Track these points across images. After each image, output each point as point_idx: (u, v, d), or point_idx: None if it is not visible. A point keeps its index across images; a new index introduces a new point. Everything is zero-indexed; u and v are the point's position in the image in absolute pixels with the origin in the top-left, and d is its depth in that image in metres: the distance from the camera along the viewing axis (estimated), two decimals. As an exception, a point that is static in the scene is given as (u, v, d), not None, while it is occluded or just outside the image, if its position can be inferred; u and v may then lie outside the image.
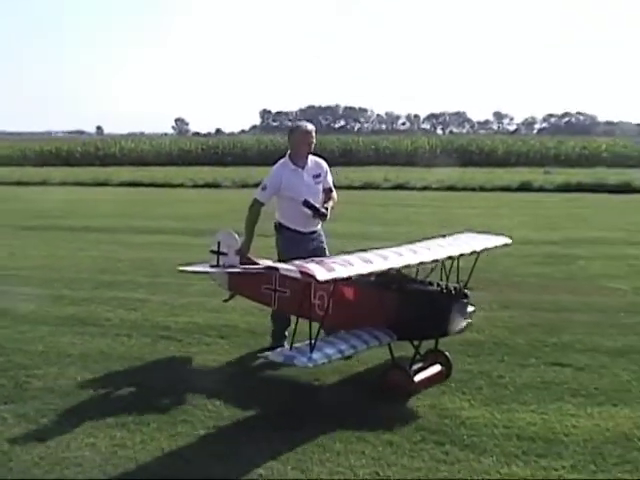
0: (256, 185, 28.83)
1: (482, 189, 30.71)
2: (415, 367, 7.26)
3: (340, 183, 32.88)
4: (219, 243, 8.56)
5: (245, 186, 32.73)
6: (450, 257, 7.21)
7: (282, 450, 5.90)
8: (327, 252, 8.24)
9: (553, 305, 10.18)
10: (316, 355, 6.46)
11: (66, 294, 11.44)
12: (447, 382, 7.42)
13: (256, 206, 8.20)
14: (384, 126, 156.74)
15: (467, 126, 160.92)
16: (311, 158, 8.35)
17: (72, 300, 11.03)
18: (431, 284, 7.25)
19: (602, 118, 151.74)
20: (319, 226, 8.39)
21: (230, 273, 8.39)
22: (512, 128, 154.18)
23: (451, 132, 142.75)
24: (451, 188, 31.01)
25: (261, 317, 9.82)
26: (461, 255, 7.32)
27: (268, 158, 50.01)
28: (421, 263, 6.92)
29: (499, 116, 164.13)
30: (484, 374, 7.66)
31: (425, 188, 31.16)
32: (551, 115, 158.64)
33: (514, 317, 9.84)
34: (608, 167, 43.62)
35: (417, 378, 7.14)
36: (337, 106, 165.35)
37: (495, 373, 7.71)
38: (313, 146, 8.29)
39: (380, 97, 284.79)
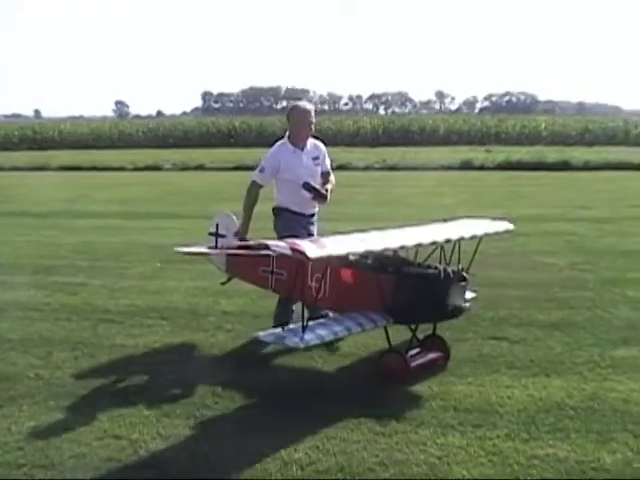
0: (197, 167, 28.71)
1: (424, 168, 30.96)
2: (412, 352, 7.18)
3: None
4: (217, 225, 8.46)
5: (186, 168, 32.60)
6: (448, 240, 7.08)
7: (224, 425, 5.99)
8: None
9: (489, 281, 10.32)
10: (308, 336, 6.41)
11: (5, 279, 11.35)
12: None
13: (254, 188, 8.08)
14: (326, 107, 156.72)
15: (409, 106, 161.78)
16: (310, 140, 8.19)
17: (11, 285, 10.95)
18: (429, 267, 7.14)
19: (542, 97, 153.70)
20: (317, 209, 8.28)
21: (228, 255, 8.32)
22: (454, 107, 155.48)
23: (393, 112, 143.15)
24: (393, 168, 31.21)
25: (203, 298, 9.91)
26: (461, 239, 7.18)
27: (209, 140, 50.35)
28: (418, 245, 6.85)
29: (441, 96, 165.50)
30: (423, 349, 7.78)
31: (367, 168, 31.33)
32: (492, 94, 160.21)
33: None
34: (547, 145, 44.28)
35: (414, 363, 7.03)
36: (279, 87, 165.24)
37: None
38: (313, 127, 8.12)
39: (322, 77, 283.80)
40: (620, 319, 8.88)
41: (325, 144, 8.39)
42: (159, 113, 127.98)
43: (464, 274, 7.04)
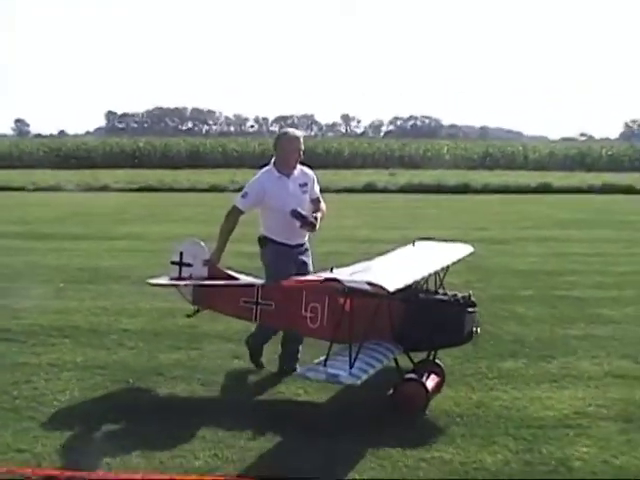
0: (101, 188, 28.44)
1: (327, 190, 31.22)
2: (424, 379, 6.98)
3: (182, 185, 33.21)
4: (182, 253, 7.91)
5: (90, 189, 32.29)
6: (447, 266, 7.39)
7: (129, 442, 6.14)
8: (310, 267, 7.87)
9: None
10: (355, 371, 6.17)
11: None
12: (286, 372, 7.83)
13: (234, 213, 7.69)
14: (232, 128, 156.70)
15: (315, 129, 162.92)
16: (297, 166, 7.85)
17: None
18: (438, 293, 7.11)
19: (447, 121, 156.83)
20: (306, 238, 7.92)
21: (199, 286, 7.75)
22: (360, 131, 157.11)
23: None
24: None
25: (104, 317, 10.03)
26: (450, 264, 7.48)
27: (113, 160, 49.83)
28: (436, 272, 7.09)
29: (347, 119, 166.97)
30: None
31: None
32: (397, 118, 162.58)
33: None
34: (449, 169, 45.38)
35: (429, 390, 6.91)
36: (185, 108, 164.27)
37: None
38: (302, 153, 7.80)
39: (228, 99, 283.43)
40: (508, 334, 9.38)
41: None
42: (61, 132, 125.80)
43: (473, 299, 6.98)
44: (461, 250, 8.22)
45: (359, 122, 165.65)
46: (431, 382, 7.05)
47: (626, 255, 15.99)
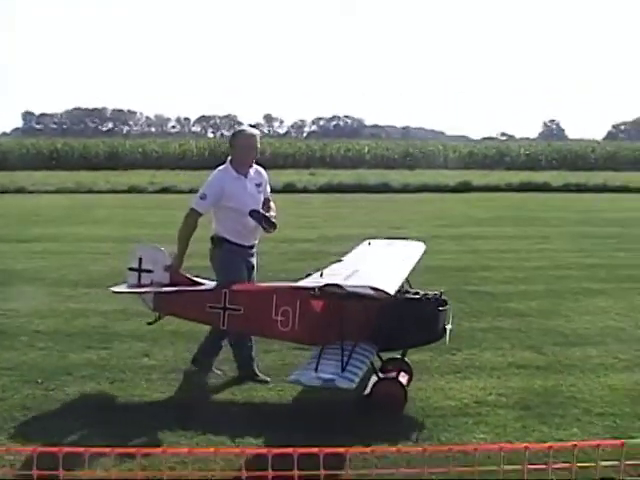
0: (17, 190, 27.92)
1: (248, 190, 31.29)
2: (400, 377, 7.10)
3: (100, 187, 32.84)
4: (141, 259, 7.66)
5: (5, 191, 31.69)
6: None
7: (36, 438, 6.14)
8: (256, 269, 7.91)
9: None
10: (347, 374, 6.23)
11: None
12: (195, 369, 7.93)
13: (193, 216, 7.51)
14: (154, 129, 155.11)
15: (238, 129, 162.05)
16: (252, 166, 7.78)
17: None
18: (410, 292, 7.17)
19: (369, 122, 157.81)
20: (257, 240, 7.89)
21: (160, 292, 7.54)
22: (283, 131, 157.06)
23: (222, 135, 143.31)
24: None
25: (15, 319, 9.97)
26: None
27: (29, 162, 48.79)
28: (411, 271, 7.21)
29: (269, 119, 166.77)
30: (230, 360, 8.07)
31: (191, 191, 31.32)
32: (320, 118, 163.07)
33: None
34: (370, 168, 45.79)
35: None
36: (104, 108, 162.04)
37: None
38: (257, 152, 7.76)
39: (149, 99, 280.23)
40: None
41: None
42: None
43: (444, 298, 7.11)
44: (418, 247, 8.41)
45: (282, 122, 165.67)
46: (404, 380, 7.14)
47: (537, 251, 16.44)
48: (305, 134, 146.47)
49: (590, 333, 9.60)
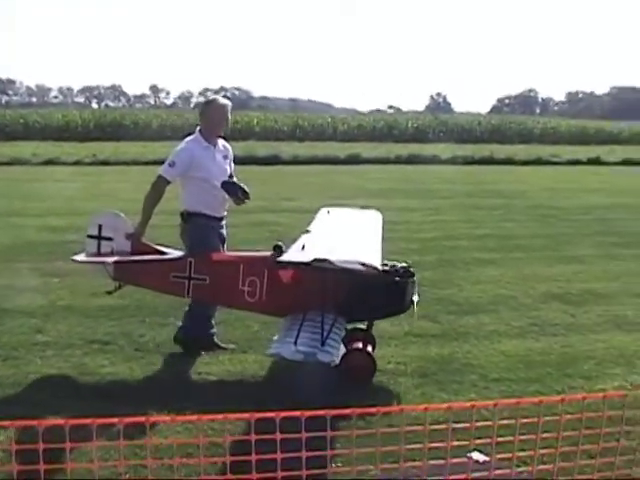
0: None
1: (135, 163, 30.76)
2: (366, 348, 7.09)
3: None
4: (100, 226, 7.42)
5: None
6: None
7: None
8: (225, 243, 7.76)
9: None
10: (328, 347, 6.27)
11: None
12: (90, 344, 7.77)
13: (160, 184, 7.31)
14: (35, 99, 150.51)
15: (123, 100, 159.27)
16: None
17: None
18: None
19: (257, 93, 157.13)
20: (226, 212, 7.76)
21: (123, 261, 7.31)
22: (169, 102, 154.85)
23: (107, 106, 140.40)
24: (104, 162, 30.81)
25: None
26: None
27: None
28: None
29: (156, 90, 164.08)
30: (125, 335, 8.07)
31: (77, 163, 30.70)
32: (207, 89, 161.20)
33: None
34: (259, 140, 45.59)
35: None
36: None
37: (136, 333, 8.17)
38: (228, 123, 7.70)
39: (30, 68, 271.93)
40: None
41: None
42: None
43: (412, 270, 7.19)
44: (377, 217, 8.44)
45: (168, 93, 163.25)
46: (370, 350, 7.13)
47: (429, 222, 16.69)
48: (192, 105, 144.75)
49: (482, 302, 9.82)
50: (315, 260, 6.09)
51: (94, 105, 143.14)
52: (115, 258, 7.32)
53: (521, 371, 7.23)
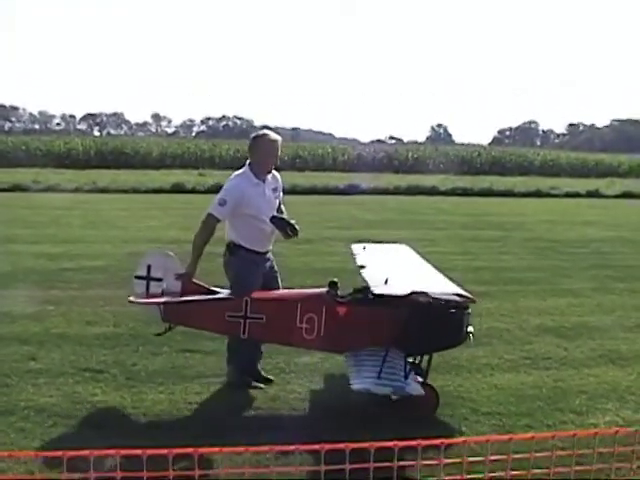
0: None
1: (135, 191, 30.88)
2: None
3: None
4: (149, 267, 7.31)
5: None
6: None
7: None
8: (278, 274, 7.79)
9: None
10: (410, 380, 6.38)
11: None
12: (82, 372, 7.79)
13: (211, 222, 7.26)
14: (37, 126, 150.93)
15: (125, 128, 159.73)
16: None
17: None
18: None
19: (259, 122, 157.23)
20: (271, 246, 7.73)
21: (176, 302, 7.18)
22: (171, 130, 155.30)
23: (109, 133, 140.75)
24: (103, 190, 30.88)
25: None
26: None
27: None
28: None
29: (157, 118, 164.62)
30: (119, 363, 8.09)
31: (76, 190, 30.76)
32: (209, 118, 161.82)
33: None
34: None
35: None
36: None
37: (129, 362, 8.18)
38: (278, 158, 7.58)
39: (33, 94, 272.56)
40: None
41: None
42: None
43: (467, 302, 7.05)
44: (409, 250, 8.74)
45: (170, 122, 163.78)
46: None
47: (424, 254, 16.49)
48: (194, 134, 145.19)
49: (476, 334, 9.74)
50: (413, 293, 6.22)
51: (96, 132, 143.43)
52: (166, 299, 7.20)
53: (512, 405, 7.23)
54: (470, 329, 7.19)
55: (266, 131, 7.81)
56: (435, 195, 33.55)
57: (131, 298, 7.42)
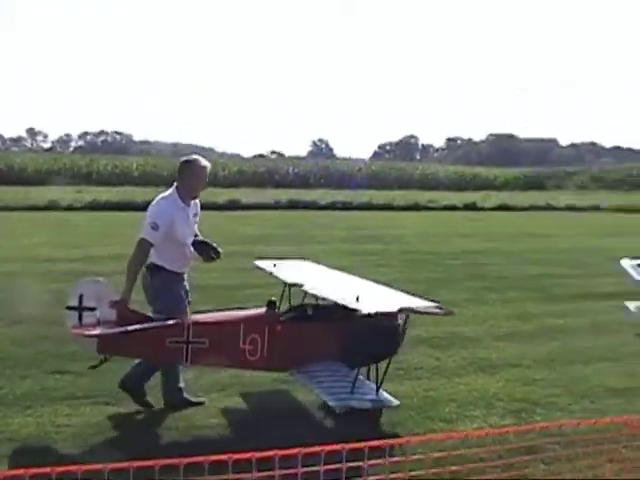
0: None
1: (9, 208, 29.85)
2: None
3: None
4: (81, 296, 6.90)
5: None
6: None
7: None
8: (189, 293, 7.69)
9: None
10: (381, 392, 6.59)
11: None
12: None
13: (145, 248, 7.11)
14: None
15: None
16: None
17: None
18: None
19: (138, 137, 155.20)
20: (188, 268, 7.67)
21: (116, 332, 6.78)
22: (47, 145, 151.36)
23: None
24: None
25: None
26: None
27: None
28: None
29: (32, 132, 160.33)
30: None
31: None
32: (87, 133, 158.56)
33: (25, 331, 10.12)
34: (140, 186, 45.06)
35: None
36: None
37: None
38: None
39: None
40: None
41: None
42: None
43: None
44: (320, 266, 8.87)
45: (46, 137, 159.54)
46: None
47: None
48: (71, 149, 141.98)
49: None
50: (401, 309, 6.46)
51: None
52: (103, 330, 6.84)
53: (384, 415, 7.30)
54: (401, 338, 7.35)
55: (196, 156, 7.78)
56: (315, 209, 33.83)
57: (73, 330, 6.98)
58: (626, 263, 12.20)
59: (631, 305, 11.80)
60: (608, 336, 11.09)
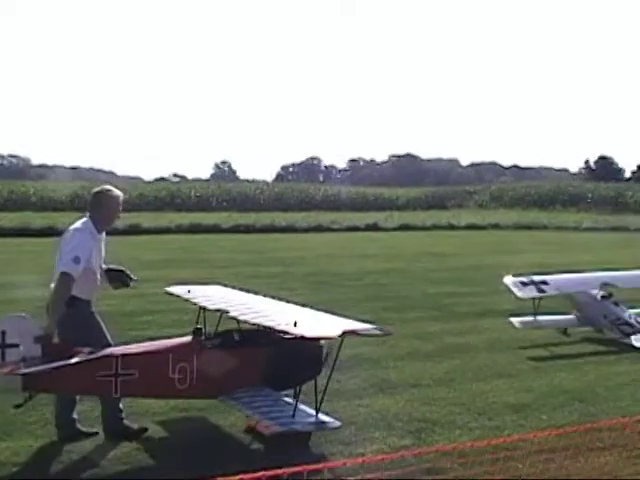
0: None
1: None
2: None
3: None
4: (3, 333, 6.57)
5: None
6: None
7: None
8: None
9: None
10: (321, 414, 6.69)
11: None
12: None
13: (69, 282, 6.89)
14: None
15: None
16: None
17: None
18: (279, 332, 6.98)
19: (36, 161, 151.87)
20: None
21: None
22: None
23: None
24: None
25: None
26: None
27: None
28: None
29: None
30: None
31: None
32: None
33: None
34: (37, 211, 44.14)
35: None
36: None
37: None
38: None
39: None
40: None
41: None
42: None
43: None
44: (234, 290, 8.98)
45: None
46: None
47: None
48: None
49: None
50: (345, 332, 6.37)
51: None
52: (26, 368, 6.44)
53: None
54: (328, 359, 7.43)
55: (108, 187, 7.79)
56: (217, 233, 33.65)
57: (22, 371, 6.47)
58: (508, 280, 12.53)
59: (515, 320, 12.13)
60: (505, 353, 11.29)
